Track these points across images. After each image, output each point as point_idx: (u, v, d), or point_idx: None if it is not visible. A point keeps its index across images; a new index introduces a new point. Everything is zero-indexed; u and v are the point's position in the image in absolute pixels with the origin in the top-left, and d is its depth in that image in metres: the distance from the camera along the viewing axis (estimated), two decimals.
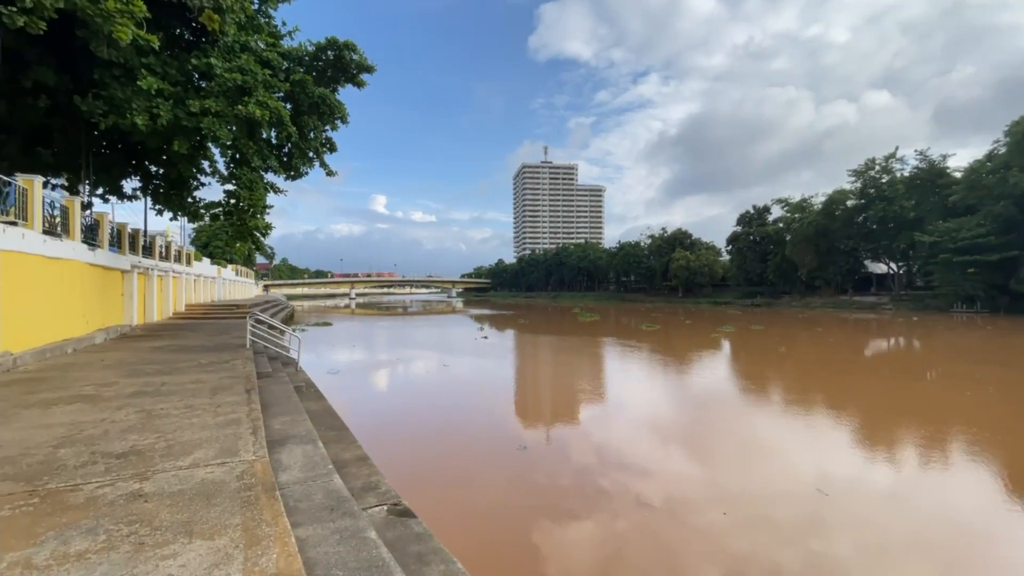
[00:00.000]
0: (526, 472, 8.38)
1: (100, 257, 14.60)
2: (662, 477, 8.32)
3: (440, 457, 9.18)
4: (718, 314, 56.46)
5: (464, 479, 8.16)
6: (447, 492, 7.57)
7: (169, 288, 23.94)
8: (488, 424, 11.64)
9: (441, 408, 13.10)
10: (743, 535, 6.31)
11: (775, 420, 12.02)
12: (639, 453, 9.59)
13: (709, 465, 8.97)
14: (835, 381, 16.74)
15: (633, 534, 6.36)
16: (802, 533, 6.49)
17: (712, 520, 6.70)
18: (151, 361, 9.88)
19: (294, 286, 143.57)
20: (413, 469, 8.45)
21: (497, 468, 8.61)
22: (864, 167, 64.54)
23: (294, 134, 16.25)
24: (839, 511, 6.99)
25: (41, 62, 13.69)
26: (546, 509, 7.06)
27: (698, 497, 7.47)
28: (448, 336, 33.51)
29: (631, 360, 21.35)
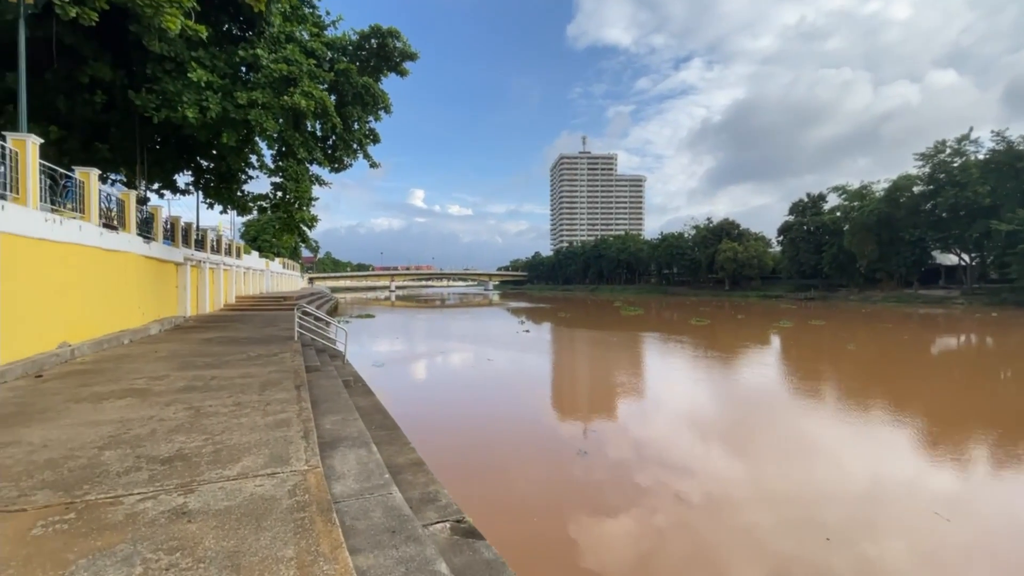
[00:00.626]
0: (589, 481, 7.74)
1: (155, 250, 14.87)
2: (746, 489, 7.49)
3: (495, 461, 8.65)
4: (770, 308, 53.80)
5: (523, 487, 7.60)
6: (507, 503, 7.03)
7: (220, 280, 24.54)
8: (540, 425, 11.04)
9: (489, 406, 12.62)
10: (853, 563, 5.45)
11: (853, 427, 10.87)
12: (707, 461, 8.77)
13: (806, 482, 8.06)
14: (915, 385, 15.23)
15: (734, 558, 5.61)
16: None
17: (813, 541, 5.87)
18: (202, 353, 9.80)
19: (337, 279, 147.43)
20: (468, 475, 7.96)
21: (557, 476, 8.00)
22: (933, 150, 59.73)
23: (339, 124, 16.06)
24: (956, 539, 6.01)
25: (97, 58, 13.98)
26: (619, 528, 6.40)
27: (803, 516, 6.63)
28: (488, 329, 33.16)
29: (684, 358, 20.20)
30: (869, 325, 33.14)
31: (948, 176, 57.71)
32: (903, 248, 62.88)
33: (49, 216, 8.73)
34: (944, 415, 11.72)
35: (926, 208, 61.27)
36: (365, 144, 19.28)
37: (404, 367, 17.94)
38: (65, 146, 15.12)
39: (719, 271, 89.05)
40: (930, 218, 60.54)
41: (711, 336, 26.82)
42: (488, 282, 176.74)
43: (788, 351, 21.98)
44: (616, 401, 13.29)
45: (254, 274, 34.49)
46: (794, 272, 79.69)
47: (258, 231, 57.35)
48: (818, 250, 73.76)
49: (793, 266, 78.63)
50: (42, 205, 8.81)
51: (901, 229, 62.10)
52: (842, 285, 72.82)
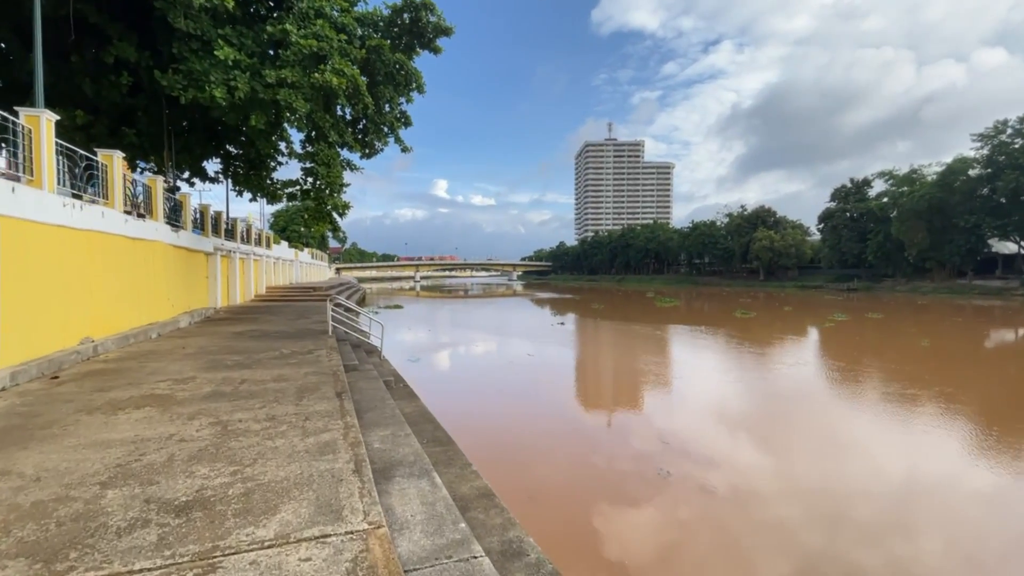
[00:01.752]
0: (687, 513, 6.62)
1: (183, 239, 14.28)
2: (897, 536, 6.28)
3: (561, 484, 7.57)
4: (814, 300, 51.25)
5: (604, 520, 6.53)
6: (587, 540, 5.97)
7: (251, 271, 24.14)
8: (603, 435, 9.94)
9: (539, 410, 11.55)
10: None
11: (976, 447, 9.45)
12: (825, 496, 7.54)
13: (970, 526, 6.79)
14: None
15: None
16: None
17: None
18: (232, 350, 9.03)
19: (364, 269, 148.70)
20: (537, 502, 6.92)
21: (642, 503, 6.89)
22: (993, 130, 55.59)
23: (370, 104, 15.11)
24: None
25: (122, 38, 13.33)
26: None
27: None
28: (521, 321, 32.15)
29: (745, 357, 18.52)
30: (937, 318, 30.79)
31: (1009, 158, 53.67)
32: (956, 236, 59.01)
33: (68, 201, 8.01)
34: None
35: (983, 193, 57.32)
36: (397, 127, 18.36)
37: (440, 363, 17.08)
38: (92, 131, 14.60)
39: (753, 261, 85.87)
40: (988, 204, 56.57)
41: (762, 331, 25.07)
42: (512, 272, 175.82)
43: (857, 350, 19.79)
44: (688, 411, 11.90)
45: (284, 264, 34.25)
46: (835, 261, 76.08)
47: (287, 221, 57.58)
48: (862, 238, 70.09)
49: (834, 255, 75.03)
50: (60, 189, 8.10)
51: (955, 215, 58.25)
52: (887, 275, 69.12)
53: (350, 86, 14.03)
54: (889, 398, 12.30)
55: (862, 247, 70.15)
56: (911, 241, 62.05)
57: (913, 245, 62.09)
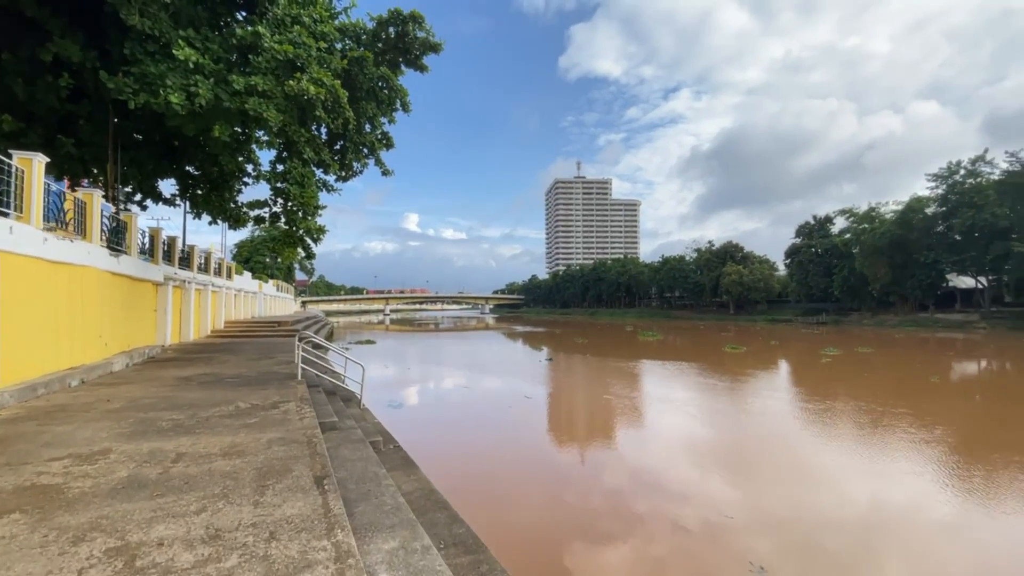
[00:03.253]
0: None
1: (126, 266, 12.19)
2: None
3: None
4: (790, 333, 51.46)
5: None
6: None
7: (208, 303, 21.75)
8: (652, 504, 8.23)
9: (566, 472, 9.69)
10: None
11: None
12: None
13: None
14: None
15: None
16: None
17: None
18: (173, 403, 7.07)
19: (330, 302, 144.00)
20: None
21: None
22: (947, 171, 58.78)
23: (351, 119, 13.65)
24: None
25: (64, 35, 11.56)
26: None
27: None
28: (506, 357, 30.34)
29: (759, 399, 16.89)
30: (922, 352, 30.74)
31: (963, 197, 56.51)
32: (917, 271, 61.23)
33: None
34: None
35: (940, 230, 60.02)
36: (378, 148, 16.98)
37: (428, 409, 15.05)
38: (23, 140, 12.57)
39: (724, 294, 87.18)
40: (945, 240, 59.18)
41: (758, 367, 24.07)
42: (484, 305, 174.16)
43: (871, 388, 18.42)
44: (744, 471, 10.15)
45: (246, 297, 31.66)
46: (803, 295, 77.88)
47: (251, 251, 54.68)
48: (828, 273, 72.09)
49: (802, 289, 76.83)
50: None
51: (915, 251, 60.60)
52: (853, 309, 70.97)
53: (329, 97, 12.59)
54: (963, 452, 11.15)
55: (828, 281, 72.05)
56: (874, 276, 64.00)
57: (876, 280, 64.02)
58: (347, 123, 13.86)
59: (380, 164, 17.19)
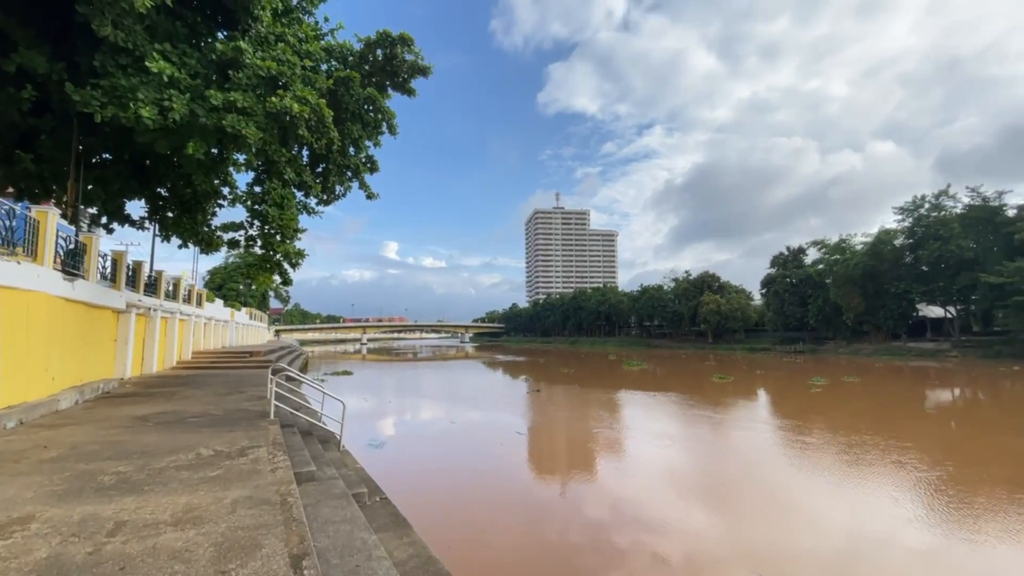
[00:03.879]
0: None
1: (83, 291, 11.13)
2: None
3: None
4: (771, 362, 51.71)
5: None
6: None
7: (175, 332, 20.42)
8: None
9: (572, 519, 8.81)
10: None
11: None
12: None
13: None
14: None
15: None
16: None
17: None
18: (122, 450, 6.11)
19: (305, 331, 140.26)
20: None
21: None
22: (912, 205, 61.30)
23: (336, 140, 13.08)
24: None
25: (31, 46, 10.78)
26: None
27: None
28: (491, 388, 29.29)
29: (762, 432, 16.13)
30: (906, 381, 30.85)
31: (929, 230, 58.76)
32: (889, 301, 62.86)
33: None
34: None
35: (908, 261, 62.07)
36: (362, 171, 16.41)
37: (414, 449, 13.92)
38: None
39: (702, 323, 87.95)
40: (913, 271, 61.14)
41: (750, 398, 23.65)
42: (464, 334, 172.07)
43: (869, 419, 17.89)
44: (749, 510, 9.57)
45: (216, 325, 30.13)
46: (779, 324, 79.03)
47: (224, 278, 52.86)
48: (803, 303, 73.50)
49: (778, 318, 78.03)
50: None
51: (886, 282, 62.36)
52: (828, 338, 72.23)
53: (314, 116, 12.03)
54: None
55: (804, 311, 73.37)
56: (848, 306, 65.45)
57: (850, 309, 65.45)
58: (331, 143, 13.28)
59: (365, 187, 16.61)
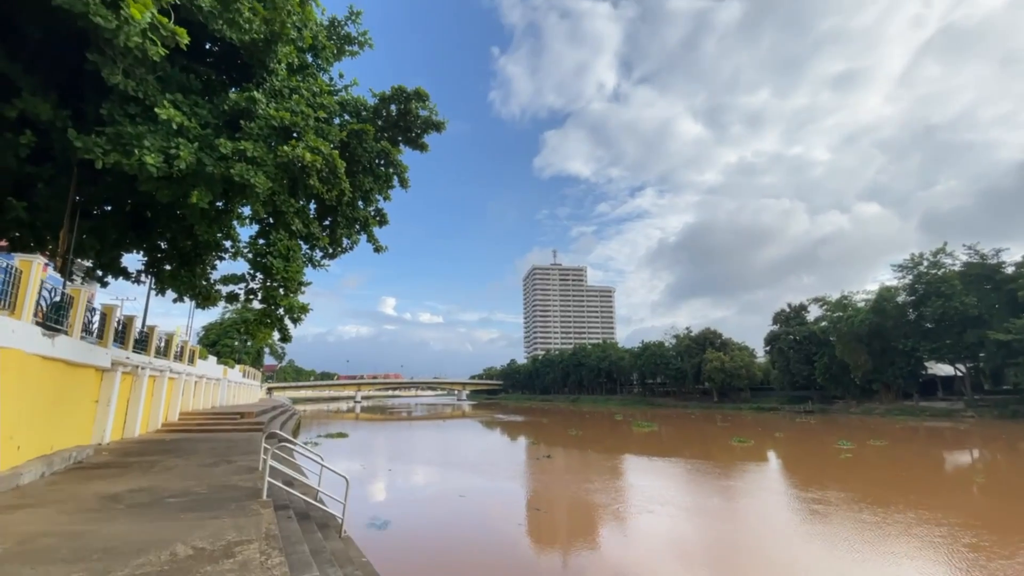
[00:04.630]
0: None
1: (63, 348, 10.17)
2: None
3: None
4: (784, 423, 49.74)
5: None
6: None
7: (162, 392, 19.15)
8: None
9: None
10: None
11: None
12: None
13: None
14: None
15: None
16: None
17: None
18: (81, 546, 4.98)
19: (298, 388, 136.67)
20: None
21: None
22: (911, 262, 61.58)
23: (347, 191, 12.63)
24: None
25: (36, 92, 10.47)
26: None
27: None
28: (497, 452, 27.48)
29: (810, 505, 14.56)
30: (937, 444, 29.25)
31: (930, 287, 58.68)
32: (897, 358, 61.74)
33: None
34: None
35: (912, 318, 61.54)
36: (371, 224, 15.97)
37: (423, 531, 12.21)
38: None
39: (707, 381, 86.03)
40: (919, 328, 60.45)
41: (781, 467, 21.94)
42: (461, 391, 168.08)
43: (920, 491, 16.36)
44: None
45: (208, 384, 28.70)
46: (786, 383, 77.27)
47: (219, 334, 51.59)
48: (809, 360, 72.14)
49: (785, 377, 76.39)
50: None
51: (892, 339, 61.50)
52: (838, 396, 70.31)
53: (326, 166, 11.62)
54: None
55: (810, 369, 71.89)
56: (855, 364, 64.18)
57: (857, 367, 64.12)
58: (342, 195, 12.83)
59: (373, 240, 16.12)
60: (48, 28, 10.13)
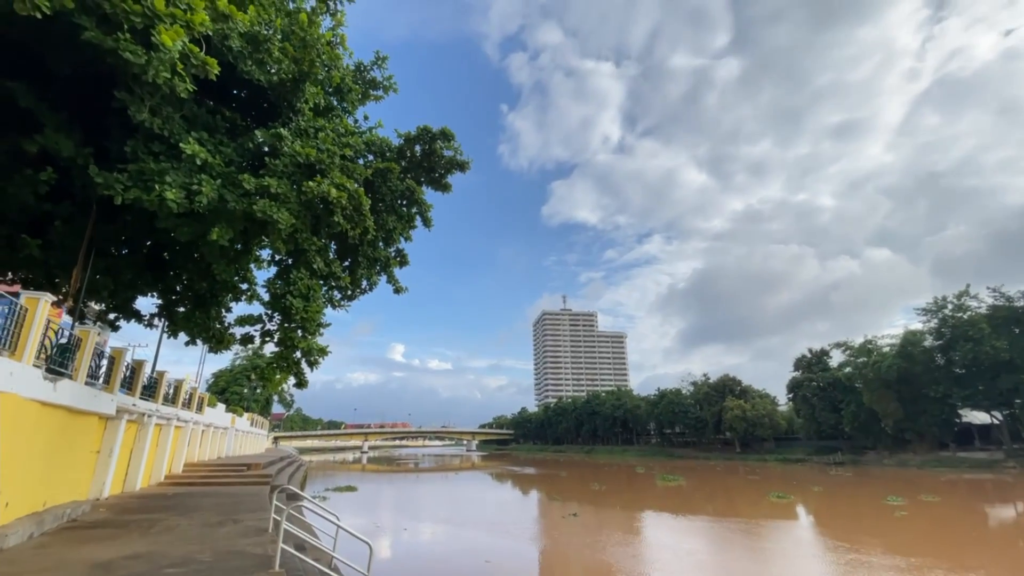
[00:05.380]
0: None
1: (66, 393, 9.46)
2: None
3: None
4: (816, 476, 46.90)
5: None
6: None
7: (168, 441, 18.21)
8: None
9: None
10: None
11: None
12: None
13: None
14: None
15: None
16: None
17: None
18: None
19: (304, 438, 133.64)
20: None
21: None
22: (935, 306, 59.89)
23: (371, 228, 12.19)
24: None
25: (59, 129, 10.29)
26: None
27: None
28: (517, 510, 25.64)
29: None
30: (994, 497, 26.87)
31: (957, 330, 56.69)
32: (929, 406, 58.82)
33: None
34: None
35: (941, 363, 59.13)
36: (392, 265, 15.53)
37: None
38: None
39: (727, 431, 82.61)
40: (949, 374, 57.92)
41: (831, 525, 19.92)
42: (470, 441, 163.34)
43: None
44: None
45: (215, 433, 27.63)
46: (812, 432, 73.81)
47: (229, 381, 50.69)
48: (835, 408, 69.08)
49: (810, 425, 73.04)
50: None
51: (922, 386, 58.85)
52: (868, 447, 66.75)
53: (351, 203, 11.24)
54: None
55: (837, 417, 68.75)
56: (885, 412, 61.26)
57: (888, 415, 61.15)
58: (365, 232, 12.40)
59: (393, 281, 15.64)
60: (76, 65, 10.06)
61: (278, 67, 11.29)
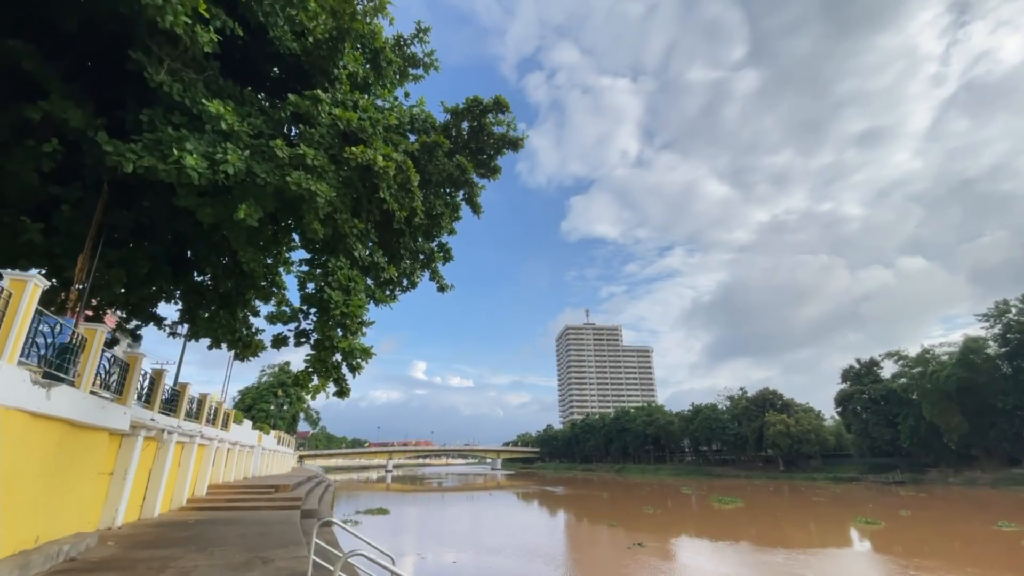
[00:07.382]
0: None
1: (66, 403, 7.78)
2: None
3: None
4: (886, 497, 43.06)
5: None
6: None
7: (190, 461, 16.58)
8: None
9: None
10: None
11: None
12: None
13: None
14: None
15: None
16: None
17: None
18: None
19: (329, 457, 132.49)
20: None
21: None
22: (996, 311, 55.54)
23: (420, 209, 10.43)
24: None
25: (68, 97, 8.81)
26: None
27: None
28: (570, 538, 23.19)
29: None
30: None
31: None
32: (998, 419, 54.12)
33: None
34: None
35: (1007, 372, 54.52)
36: (436, 259, 13.78)
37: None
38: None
39: (770, 448, 77.98)
40: (1018, 383, 53.26)
41: (960, 561, 16.93)
42: (495, 460, 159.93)
43: None
44: None
45: (241, 452, 26.03)
46: (865, 448, 68.97)
47: (255, 398, 49.54)
48: (890, 423, 64.35)
49: (863, 441, 68.26)
50: None
51: (988, 397, 54.26)
52: (929, 464, 61.79)
53: (399, 178, 9.49)
54: None
55: (892, 432, 64.01)
56: (948, 426, 56.64)
57: (951, 430, 56.51)
58: (413, 214, 10.62)
59: (437, 278, 13.86)
60: (85, 20, 8.60)
61: (313, 23, 9.69)
